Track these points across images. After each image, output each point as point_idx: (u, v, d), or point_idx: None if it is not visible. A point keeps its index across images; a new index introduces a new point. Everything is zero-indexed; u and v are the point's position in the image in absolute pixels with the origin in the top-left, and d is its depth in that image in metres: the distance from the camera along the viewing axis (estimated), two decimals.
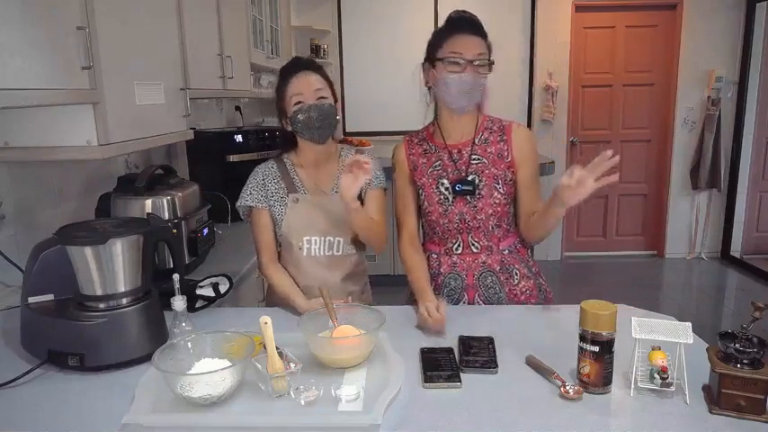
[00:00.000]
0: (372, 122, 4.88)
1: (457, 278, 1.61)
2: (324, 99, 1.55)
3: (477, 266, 1.60)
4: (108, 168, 2.13)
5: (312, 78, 1.55)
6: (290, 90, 1.55)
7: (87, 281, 1.24)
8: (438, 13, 4.71)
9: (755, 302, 1.04)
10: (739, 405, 1.00)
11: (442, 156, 1.61)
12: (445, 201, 1.59)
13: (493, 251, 1.61)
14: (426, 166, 1.63)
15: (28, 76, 1.21)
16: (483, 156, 1.59)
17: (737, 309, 4.12)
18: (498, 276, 1.61)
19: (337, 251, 1.62)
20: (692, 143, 4.95)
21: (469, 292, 1.61)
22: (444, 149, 1.62)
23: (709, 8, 4.73)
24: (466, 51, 1.48)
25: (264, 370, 1.10)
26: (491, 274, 1.61)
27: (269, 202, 1.61)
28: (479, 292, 1.61)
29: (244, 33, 2.98)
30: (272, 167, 1.65)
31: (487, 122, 1.64)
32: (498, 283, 1.61)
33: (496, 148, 1.60)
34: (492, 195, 1.57)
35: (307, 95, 1.53)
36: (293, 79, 1.55)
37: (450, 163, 1.60)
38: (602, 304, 1.11)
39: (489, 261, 1.61)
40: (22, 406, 1.09)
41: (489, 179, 1.57)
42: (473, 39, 1.49)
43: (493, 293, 1.61)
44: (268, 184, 1.62)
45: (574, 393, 1.07)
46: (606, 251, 5.30)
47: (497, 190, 1.57)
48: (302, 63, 1.60)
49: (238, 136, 2.88)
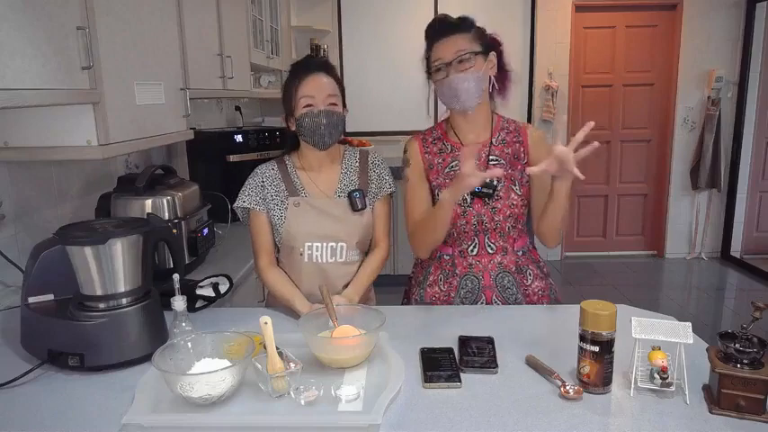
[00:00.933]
0: (372, 122, 4.87)
1: (474, 279, 1.59)
2: (334, 106, 1.51)
3: (493, 267, 1.59)
4: (108, 168, 2.13)
5: (326, 82, 1.50)
6: (301, 90, 1.49)
7: (87, 281, 1.24)
8: (438, 14, 4.71)
9: (755, 302, 1.04)
10: (739, 405, 1.01)
11: (459, 156, 1.57)
12: (463, 202, 1.56)
13: (508, 252, 1.60)
14: (442, 166, 1.60)
15: (28, 76, 1.21)
16: (501, 157, 1.58)
17: (737, 309, 4.12)
18: (515, 277, 1.60)
19: (341, 257, 1.57)
20: (692, 143, 4.95)
21: (487, 293, 1.59)
22: (461, 149, 1.58)
23: (709, 8, 4.73)
24: (445, 55, 1.47)
25: (264, 370, 1.10)
26: (508, 274, 1.59)
27: (267, 205, 1.57)
28: (496, 293, 1.59)
29: (244, 33, 2.98)
30: (272, 169, 1.60)
31: (503, 123, 1.62)
32: (515, 283, 1.59)
33: (513, 149, 1.59)
34: (509, 197, 1.56)
35: (318, 100, 1.48)
36: (306, 79, 1.49)
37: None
38: (602, 304, 1.11)
39: (505, 262, 1.59)
40: (22, 406, 1.09)
41: (507, 180, 1.56)
42: (451, 39, 1.48)
43: (510, 294, 1.59)
44: (267, 187, 1.58)
45: (574, 393, 1.07)
46: (606, 251, 5.29)
47: (515, 191, 1.56)
48: (317, 63, 1.54)
49: (238, 136, 2.88)
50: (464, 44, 1.48)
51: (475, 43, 1.49)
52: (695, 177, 4.94)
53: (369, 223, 1.60)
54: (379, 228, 1.64)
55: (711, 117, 4.79)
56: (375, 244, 1.65)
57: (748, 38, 4.69)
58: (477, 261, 1.59)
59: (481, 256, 1.59)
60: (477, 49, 1.49)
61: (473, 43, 1.49)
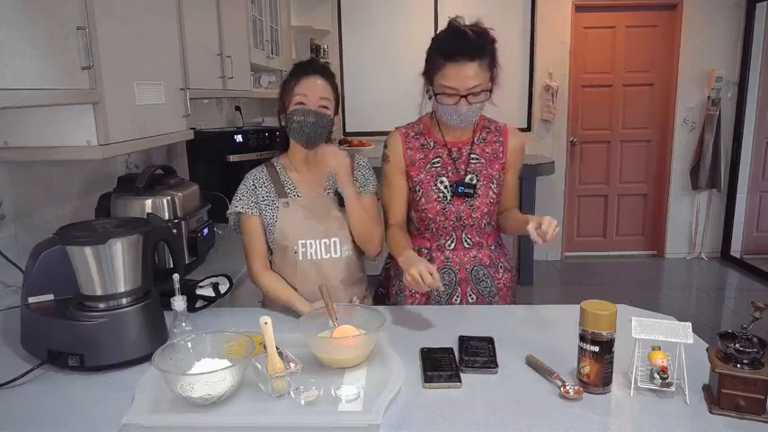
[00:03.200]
0: (372, 122, 4.87)
1: (450, 273, 1.64)
2: (325, 109, 1.55)
3: (468, 261, 1.64)
4: (108, 168, 2.13)
5: (321, 85, 1.55)
6: (296, 89, 1.54)
7: (87, 281, 1.24)
8: (438, 14, 4.71)
9: (755, 302, 1.05)
10: (739, 405, 1.01)
11: (441, 153, 1.62)
12: (444, 199, 1.60)
13: (483, 246, 1.65)
14: (424, 162, 1.63)
15: (28, 76, 1.21)
16: (481, 155, 1.62)
17: (737, 309, 4.12)
18: (488, 270, 1.65)
19: (335, 253, 1.59)
20: (692, 143, 4.95)
21: (462, 286, 1.64)
22: (443, 147, 1.62)
23: (710, 8, 4.73)
24: (460, 86, 1.46)
25: (264, 370, 1.10)
26: (482, 267, 1.65)
27: (260, 207, 1.59)
28: (471, 286, 1.64)
29: (244, 33, 2.98)
30: (261, 172, 1.63)
31: (485, 122, 1.67)
32: (489, 276, 1.66)
33: (493, 149, 1.63)
34: (488, 195, 1.61)
35: (310, 99, 1.53)
36: (303, 80, 1.54)
37: (449, 161, 1.61)
38: (602, 304, 1.11)
39: (480, 255, 1.65)
40: (22, 406, 1.09)
41: (486, 179, 1.61)
42: (467, 67, 1.44)
43: (484, 287, 1.65)
44: (258, 189, 1.60)
45: (574, 393, 1.07)
46: (606, 251, 5.29)
47: (492, 189, 1.61)
48: (316, 66, 1.59)
49: (238, 136, 2.88)
50: (479, 77, 1.46)
51: (487, 70, 1.48)
52: (695, 177, 4.94)
53: None
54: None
55: (711, 117, 4.79)
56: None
57: (748, 38, 4.69)
58: (454, 255, 1.64)
59: (458, 250, 1.64)
60: (488, 80, 1.49)
61: (486, 71, 1.48)
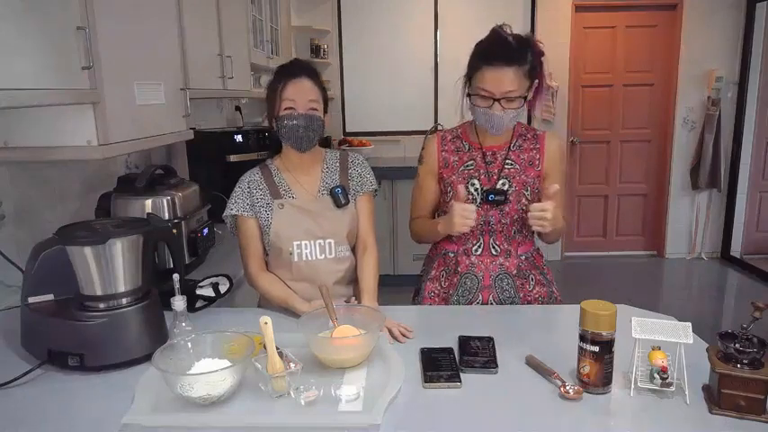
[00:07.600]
0: (372, 122, 4.87)
1: (473, 278, 1.61)
2: (314, 111, 1.53)
3: (494, 268, 1.61)
4: (108, 168, 2.13)
5: (308, 86, 1.53)
6: (284, 94, 1.52)
7: (87, 281, 1.24)
8: (438, 14, 4.70)
9: (755, 302, 1.04)
10: (739, 405, 1.01)
11: (475, 156, 1.61)
12: (473, 201, 1.58)
13: (511, 255, 1.62)
14: (458, 163, 1.62)
15: (28, 76, 1.21)
16: (516, 161, 1.60)
17: (737, 309, 4.12)
18: (514, 280, 1.62)
19: (330, 254, 1.58)
20: (692, 143, 4.95)
21: (484, 293, 1.61)
22: (478, 150, 1.62)
23: (710, 8, 4.72)
24: (495, 90, 1.46)
25: (264, 370, 1.10)
26: (507, 276, 1.61)
27: (255, 209, 1.59)
28: (494, 294, 1.61)
29: (244, 33, 2.98)
30: (256, 174, 1.63)
31: (522, 129, 1.64)
32: (514, 286, 1.61)
33: (528, 156, 1.61)
34: (519, 201, 1.58)
35: (299, 104, 1.51)
36: (289, 84, 1.52)
37: (482, 164, 1.60)
38: (602, 304, 1.11)
39: (507, 264, 1.61)
40: (22, 406, 1.09)
41: (519, 185, 1.58)
42: (504, 72, 1.45)
43: (507, 296, 1.61)
44: (253, 191, 1.59)
45: (574, 393, 1.07)
46: (606, 251, 5.29)
47: (525, 196, 1.58)
48: (301, 68, 1.56)
49: (238, 136, 2.88)
50: (516, 82, 1.46)
51: (526, 78, 1.48)
52: (695, 177, 4.94)
53: (354, 218, 1.62)
54: (363, 224, 1.65)
55: (711, 117, 4.79)
56: (363, 245, 1.65)
57: (748, 38, 4.69)
58: (479, 261, 1.61)
59: (484, 256, 1.61)
60: (526, 88, 1.49)
61: (524, 79, 1.48)
